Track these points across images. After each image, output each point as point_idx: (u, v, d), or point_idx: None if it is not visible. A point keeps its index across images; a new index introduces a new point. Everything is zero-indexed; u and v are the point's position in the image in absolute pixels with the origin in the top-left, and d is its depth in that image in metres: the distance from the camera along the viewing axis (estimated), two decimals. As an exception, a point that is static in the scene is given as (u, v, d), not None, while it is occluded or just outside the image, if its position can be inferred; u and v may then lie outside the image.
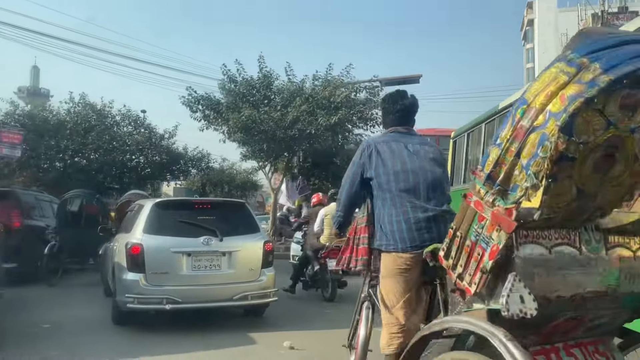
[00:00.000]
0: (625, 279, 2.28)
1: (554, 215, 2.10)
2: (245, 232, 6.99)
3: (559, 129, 1.85)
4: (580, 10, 57.79)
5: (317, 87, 16.92)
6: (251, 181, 38.39)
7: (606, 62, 1.85)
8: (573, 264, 2.18)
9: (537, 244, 2.13)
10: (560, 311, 2.23)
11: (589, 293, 2.20)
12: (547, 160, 1.88)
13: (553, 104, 1.90)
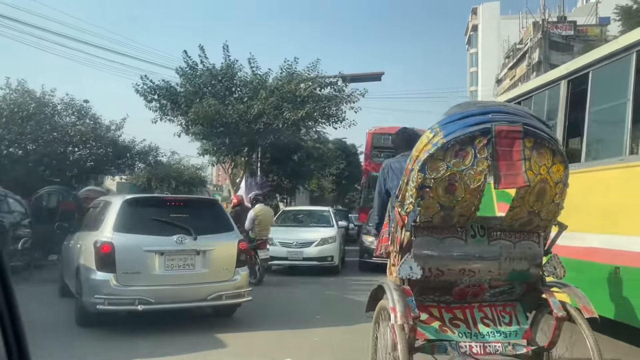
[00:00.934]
0: (506, 261, 3.40)
1: (430, 219, 3.28)
2: (219, 231, 6.84)
3: (418, 170, 3.10)
4: (522, 18, 60.15)
5: (282, 80, 16.25)
6: (200, 177, 37.27)
7: (447, 130, 3.04)
8: (459, 249, 3.37)
9: (430, 236, 3.34)
10: (458, 280, 3.40)
11: (474, 269, 3.37)
12: (415, 187, 3.14)
13: (420, 155, 3.12)
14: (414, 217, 3.27)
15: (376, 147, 19.90)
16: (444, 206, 3.18)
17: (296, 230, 12.76)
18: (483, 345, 3.30)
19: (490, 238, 3.38)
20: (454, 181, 3.08)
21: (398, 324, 3.09)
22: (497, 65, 67.01)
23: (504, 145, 3.00)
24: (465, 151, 3.01)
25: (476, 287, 3.46)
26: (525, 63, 54.87)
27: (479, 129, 2.99)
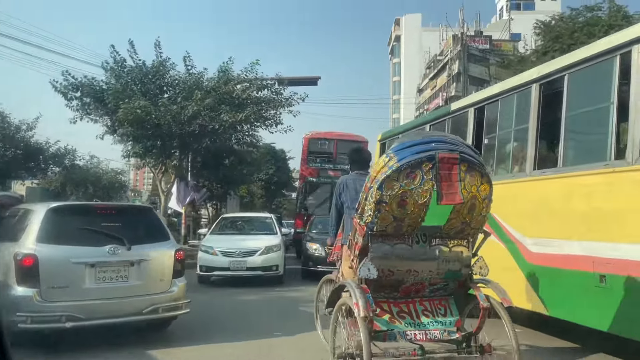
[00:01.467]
0: (443, 262, 4.06)
1: (384, 228, 3.88)
2: (154, 240, 6.58)
3: (376, 188, 3.70)
4: (442, 31, 62.53)
5: (219, 80, 15.45)
6: (120, 182, 35.25)
7: (400, 156, 3.68)
8: (406, 253, 3.98)
9: (384, 242, 3.93)
10: (404, 279, 4.04)
11: (418, 270, 4.03)
12: (373, 202, 3.74)
13: (377, 176, 3.73)
14: (371, 226, 3.89)
15: (312, 152, 19.57)
16: (396, 218, 3.86)
17: (238, 238, 12.04)
18: (425, 333, 4.05)
19: (430, 244, 4.06)
20: (405, 197, 3.75)
21: (361, 316, 3.72)
22: (419, 75, 69.16)
23: (445, 169, 3.71)
24: (414, 173, 3.69)
25: (418, 285, 4.16)
26: (445, 74, 56.96)
27: (425, 156, 3.69)
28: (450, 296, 4.29)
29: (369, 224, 3.85)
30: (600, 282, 4.90)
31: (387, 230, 3.89)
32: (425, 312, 4.16)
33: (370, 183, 3.81)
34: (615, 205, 4.78)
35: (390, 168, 3.66)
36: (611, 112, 4.93)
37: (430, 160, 3.67)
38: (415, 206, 3.76)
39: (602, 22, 22.87)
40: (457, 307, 4.26)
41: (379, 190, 3.70)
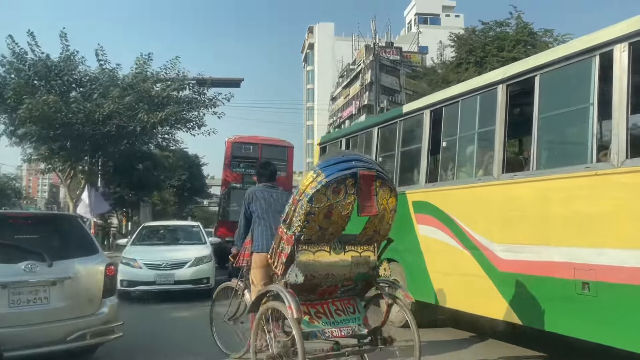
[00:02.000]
0: (354, 266, 4.47)
1: (310, 237, 4.22)
2: (80, 254, 5.79)
3: (306, 201, 4.02)
4: (354, 41, 63.75)
5: (137, 77, 14.26)
6: (14, 189, 32.03)
7: (327, 172, 4.04)
8: (326, 259, 4.33)
9: (308, 250, 4.26)
10: (322, 282, 4.40)
11: (335, 274, 4.41)
12: (303, 214, 4.07)
13: (307, 190, 4.05)
14: (299, 236, 4.19)
15: (236, 157, 18.69)
16: (322, 228, 4.21)
17: (164, 249, 11.03)
18: (339, 330, 4.46)
19: (345, 250, 4.47)
20: (331, 209, 4.13)
21: (295, 318, 4.03)
22: (332, 83, 69.95)
23: (364, 184, 4.17)
24: (340, 188, 4.09)
25: (332, 287, 4.55)
26: (358, 83, 58.07)
27: (349, 173, 4.11)
28: (357, 296, 4.78)
29: (297, 234, 4.19)
30: (583, 289, 4.71)
31: (312, 239, 4.27)
32: (337, 312, 4.61)
33: (299, 196, 4.17)
34: (599, 210, 4.61)
35: (319, 183, 4.04)
36: (591, 114, 4.78)
37: (352, 177, 4.12)
38: (339, 217, 4.21)
39: (510, 37, 24.12)
40: (362, 305, 4.79)
41: (309, 203, 4.06)
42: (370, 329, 4.59)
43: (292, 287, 4.21)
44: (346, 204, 4.13)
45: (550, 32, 24.48)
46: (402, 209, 7.36)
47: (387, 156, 8.32)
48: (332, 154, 4.72)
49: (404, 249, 7.42)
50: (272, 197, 5.35)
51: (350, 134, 9.33)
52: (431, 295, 6.80)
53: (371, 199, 4.19)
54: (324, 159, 4.37)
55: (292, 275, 4.18)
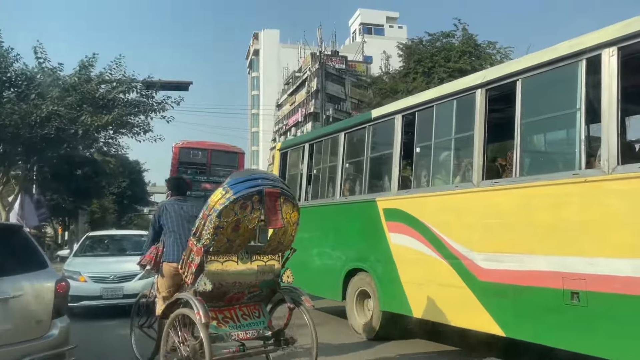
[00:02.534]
0: (260, 274, 4.87)
1: (219, 249, 4.58)
2: (26, 269, 5.16)
3: (215, 216, 4.38)
4: (300, 48, 63.73)
5: (80, 77, 13.37)
6: None
7: (235, 190, 4.43)
8: (233, 268, 4.71)
9: (216, 261, 4.61)
10: (230, 289, 4.78)
11: (242, 281, 4.80)
12: (212, 227, 4.43)
13: (216, 205, 4.41)
14: (208, 248, 4.52)
15: (184, 162, 17.93)
16: (230, 240, 4.57)
17: (110, 260, 10.23)
18: (245, 333, 4.81)
19: (252, 259, 4.83)
20: (239, 224, 4.51)
21: (203, 322, 4.35)
22: (277, 90, 69.54)
23: (270, 201, 4.56)
24: (246, 204, 4.46)
25: (239, 294, 4.91)
26: (304, 90, 57.98)
27: (255, 190, 4.49)
28: (262, 301, 5.17)
29: (206, 246, 4.52)
30: (572, 299, 4.57)
31: (220, 250, 4.61)
32: (244, 316, 4.97)
33: (208, 211, 4.49)
34: (590, 217, 4.50)
35: (228, 200, 4.39)
36: (578, 119, 4.68)
37: (259, 194, 4.51)
38: (245, 230, 4.59)
39: (456, 48, 24.64)
40: (268, 310, 5.19)
41: (217, 217, 4.40)
42: (274, 331, 5.02)
43: (201, 295, 4.58)
44: (252, 218, 4.54)
45: (493, 44, 25.16)
46: (372, 216, 7.14)
47: (354, 162, 8.06)
48: (241, 173, 5.07)
49: (375, 259, 7.17)
50: (183, 210, 5.62)
51: (314, 139, 9.01)
52: (405, 307, 6.55)
53: (277, 213, 4.61)
54: (233, 177, 4.68)
55: (201, 284, 4.56)
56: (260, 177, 4.73)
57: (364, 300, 7.58)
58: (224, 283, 4.68)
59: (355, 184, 8.01)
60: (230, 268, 4.67)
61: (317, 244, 8.59)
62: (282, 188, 4.74)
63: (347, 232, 7.86)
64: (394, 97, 23.39)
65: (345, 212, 7.95)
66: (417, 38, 26.56)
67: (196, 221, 4.66)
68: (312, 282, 8.72)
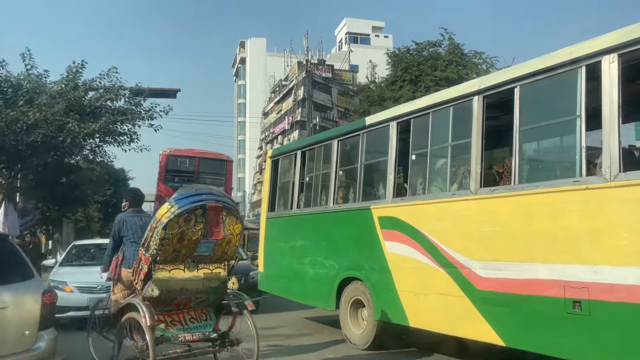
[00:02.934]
0: (206, 281, 5.21)
1: (165, 258, 4.97)
2: (12, 279, 5.09)
3: (161, 228, 4.77)
4: (286, 57, 63.79)
5: (67, 85, 13.16)
6: None
7: (180, 204, 4.79)
8: (180, 276, 5.06)
9: (164, 269, 4.99)
10: (178, 295, 5.14)
11: (189, 288, 5.16)
12: (159, 239, 4.81)
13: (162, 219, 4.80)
14: (155, 257, 4.92)
15: (171, 170, 17.67)
16: (175, 250, 4.95)
17: (97, 270, 9.95)
18: (192, 335, 5.18)
19: (198, 267, 5.17)
20: (183, 235, 4.87)
21: (148, 325, 4.72)
22: (264, 98, 69.46)
23: (213, 214, 4.98)
24: (190, 217, 4.84)
25: (187, 299, 5.29)
26: (291, 99, 57.98)
27: (198, 205, 4.88)
28: (210, 306, 5.52)
29: (154, 255, 4.91)
30: (574, 308, 4.52)
31: (168, 259, 4.99)
32: (191, 320, 5.35)
33: (155, 224, 4.89)
34: (591, 225, 4.45)
35: (173, 213, 4.78)
36: (578, 126, 4.65)
37: (202, 208, 4.90)
38: (190, 241, 4.97)
39: (442, 57, 24.78)
40: (214, 314, 5.53)
41: (163, 229, 4.79)
42: (220, 333, 5.40)
43: (150, 300, 4.95)
44: (196, 230, 4.91)
45: (479, 54, 25.34)
46: (367, 224, 7.06)
47: (348, 170, 7.98)
48: (186, 188, 5.28)
49: (369, 267, 7.08)
50: (142, 221, 5.95)
51: (307, 147, 8.92)
52: (401, 316, 6.46)
53: (218, 226, 5.04)
54: (179, 193, 5.07)
55: (149, 290, 4.96)
56: (205, 192, 5.12)
57: (358, 309, 7.48)
58: (172, 289, 5.06)
59: (348, 191, 7.93)
60: (178, 275, 5.05)
61: (309, 253, 8.48)
62: (224, 202, 5.11)
63: (340, 241, 7.76)
64: (382, 105, 23.46)
65: (338, 221, 7.85)
66: (405, 47, 26.66)
67: (145, 232, 5.05)
68: (304, 291, 8.65)
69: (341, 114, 52.67)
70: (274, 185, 9.72)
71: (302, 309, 10.58)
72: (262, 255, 9.89)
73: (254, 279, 11.10)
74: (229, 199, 5.39)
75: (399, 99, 22.98)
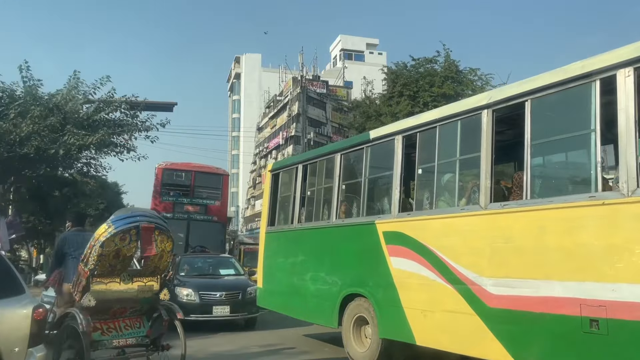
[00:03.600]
0: (140, 293, 5.85)
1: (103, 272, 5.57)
2: (2, 295, 5.00)
3: (99, 246, 5.41)
4: (281, 73, 64.00)
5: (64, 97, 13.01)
6: None
7: (116, 225, 5.48)
8: (116, 287, 5.69)
9: (101, 282, 5.60)
10: (113, 305, 5.80)
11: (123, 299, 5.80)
12: (96, 255, 5.44)
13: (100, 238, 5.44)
14: (93, 271, 5.48)
15: (167, 184, 17.53)
16: (112, 265, 5.56)
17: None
18: (126, 340, 5.87)
19: (132, 280, 5.78)
20: (119, 252, 5.50)
21: (85, 331, 5.38)
22: (258, 113, 69.48)
23: (145, 233, 5.59)
24: (125, 236, 5.50)
25: (122, 309, 5.93)
26: (285, 114, 58.03)
27: (132, 226, 5.53)
28: (144, 315, 6.13)
29: (92, 270, 5.47)
30: (591, 327, 4.39)
31: (104, 273, 5.57)
32: (126, 327, 5.97)
33: (94, 242, 5.46)
34: (609, 242, 4.34)
35: (109, 233, 5.41)
36: (593, 140, 4.56)
37: (136, 228, 5.54)
38: (125, 257, 5.64)
39: (438, 74, 24.89)
40: (148, 321, 6.13)
41: (101, 247, 5.39)
42: (152, 338, 6.06)
43: (87, 309, 5.55)
44: (130, 248, 5.59)
45: (475, 71, 25.46)
46: (371, 240, 6.92)
47: (351, 184, 7.85)
48: (123, 210, 6.06)
49: (374, 284, 6.92)
50: (83, 238, 6.27)
51: (308, 160, 8.81)
52: (407, 334, 6.29)
53: (151, 243, 5.63)
54: (116, 215, 5.72)
55: (86, 300, 5.54)
56: (140, 214, 5.80)
57: (361, 327, 7.30)
58: (108, 300, 5.67)
59: (352, 206, 7.79)
60: (114, 287, 5.66)
61: (310, 268, 8.32)
62: (157, 223, 5.77)
63: (343, 256, 7.61)
64: (379, 120, 23.47)
65: (341, 235, 7.71)
66: (402, 62, 26.74)
67: (85, 250, 5.59)
68: (305, 307, 8.47)
69: (335, 130, 52.76)
70: (274, 200, 9.57)
71: (300, 325, 10.39)
72: (262, 270, 9.71)
73: (251, 295, 10.91)
74: (161, 220, 6.05)
75: (397, 114, 23.01)
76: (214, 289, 11.04)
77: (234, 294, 10.98)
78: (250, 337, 10.16)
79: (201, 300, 10.72)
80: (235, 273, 12.53)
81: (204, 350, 8.77)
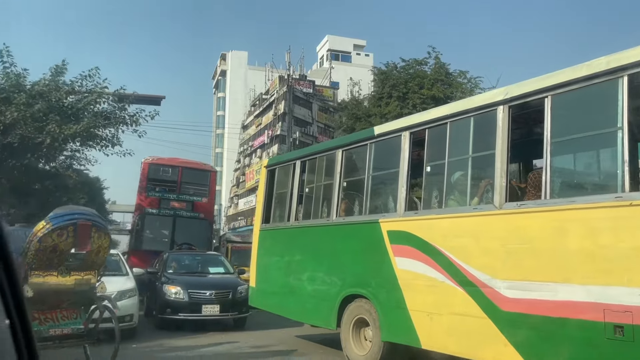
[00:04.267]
0: (77, 285, 6.12)
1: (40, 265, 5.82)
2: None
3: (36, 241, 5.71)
4: (267, 71, 63.56)
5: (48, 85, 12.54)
6: None
7: (54, 222, 5.76)
8: (54, 280, 5.94)
9: (39, 275, 5.85)
10: (51, 296, 6.01)
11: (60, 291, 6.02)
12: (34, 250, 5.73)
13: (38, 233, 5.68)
14: (31, 265, 5.77)
15: (153, 179, 17.10)
16: (49, 259, 5.85)
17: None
18: (62, 330, 6.12)
19: (70, 274, 6.04)
20: (56, 247, 5.80)
21: None
22: (244, 112, 68.87)
23: (82, 230, 5.90)
24: (63, 233, 5.76)
25: (59, 300, 6.14)
26: (271, 112, 57.57)
27: (70, 222, 5.83)
28: (81, 307, 6.37)
29: (30, 263, 5.73)
30: (615, 333, 4.20)
31: (42, 267, 5.82)
32: (63, 318, 6.19)
33: (32, 237, 5.69)
34: (636, 244, 4.15)
35: (47, 229, 5.65)
36: (619, 138, 4.37)
37: (73, 225, 5.82)
38: (62, 252, 5.88)
39: (428, 76, 24.82)
40: (85, 314, 6.38)
41: (38, 242, 5.67)
42: (88, 329, 6.34)
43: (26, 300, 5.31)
44: (67, 243, 5.84)
45: (464, 73, 25.47)
46: (374, 239, 6.67)
47: (353, 181, 7.59)
48: (62, 208, 6.31)
49: (377, 284, 6.68)
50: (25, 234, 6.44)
51: (307, 156, 8.53)
52: (412, 337, 6.06)
53: (87, 240, 5.94)
54: (55, 212, 5.96)
55: (24, 292, 5.43)
56: (78, 212, 6.16)
57: (361, 329, 7.06)
58: (45, 291, 5.86)
59: (354, 204, 7.54)
60: (51, 280, 5.91)
61: (308, 268, 8.05)
62: (94, 221, 6.08)
63: (344, 255, 7.35)
64: (367, 121, 23.29)
65: (342, 234, 7.45)
66: (392, 63, 26.60)
67: (24, 244, 5.79)
68: (301, 308, 8.19)
69: (321, 130, 52.46)
70: (269, 196, 9.27)
71: (292, 326, 10.11)
72: (255, 269, 9.40)
73: (242, 294, 10.60)
74: (99, 217, 6.40)
75: (386, 114, 22.86)
76: (204, 288, 10.69)
77: (224, 293, 10.64)
78: (240, 337, 9.83)
79: (190, 298, 10.36)
80: (224, 271, 12.19)
81: (193, 350, 8.45)
